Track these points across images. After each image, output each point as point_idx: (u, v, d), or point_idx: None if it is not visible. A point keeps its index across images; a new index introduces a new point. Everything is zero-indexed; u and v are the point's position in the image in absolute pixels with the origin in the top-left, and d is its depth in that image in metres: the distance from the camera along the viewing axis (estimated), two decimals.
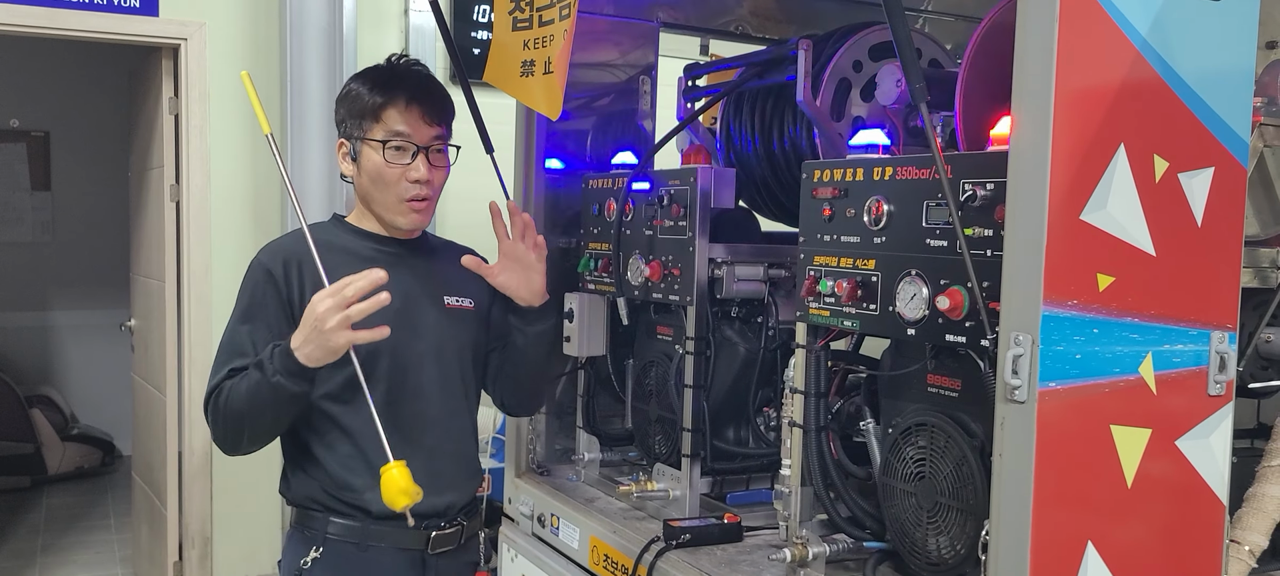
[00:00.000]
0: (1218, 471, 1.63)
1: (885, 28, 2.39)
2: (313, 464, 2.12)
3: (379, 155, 2.10)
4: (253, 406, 1.99)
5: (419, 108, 2.11)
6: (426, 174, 2.12)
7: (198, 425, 4.55)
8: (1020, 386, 1.47)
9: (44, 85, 7.42)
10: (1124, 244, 1.51)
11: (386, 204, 2.14)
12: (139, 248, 5.19)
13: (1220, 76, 1.58)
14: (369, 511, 2.10)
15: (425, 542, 2.15)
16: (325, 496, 2.12)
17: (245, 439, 2.06)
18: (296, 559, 2.12)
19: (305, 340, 1.92)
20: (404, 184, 2.11)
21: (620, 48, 2.98)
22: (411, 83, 2.14)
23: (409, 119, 2.10)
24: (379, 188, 2.13)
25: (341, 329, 1.89)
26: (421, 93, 2.13)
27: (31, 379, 7.46)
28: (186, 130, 4.47)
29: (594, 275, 2.67)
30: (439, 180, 2.17)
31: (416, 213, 2.15)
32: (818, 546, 2.05)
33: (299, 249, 2.09)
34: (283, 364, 1.94)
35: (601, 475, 2.78)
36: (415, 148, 2.11)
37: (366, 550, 2.11)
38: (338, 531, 2.11)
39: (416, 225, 2.17)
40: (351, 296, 1.89)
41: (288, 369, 1.93)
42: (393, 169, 2.10)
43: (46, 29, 4.24)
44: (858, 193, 1.94)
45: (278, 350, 1.96)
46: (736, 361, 2.45)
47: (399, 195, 2.12)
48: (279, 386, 1.95)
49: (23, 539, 5.99)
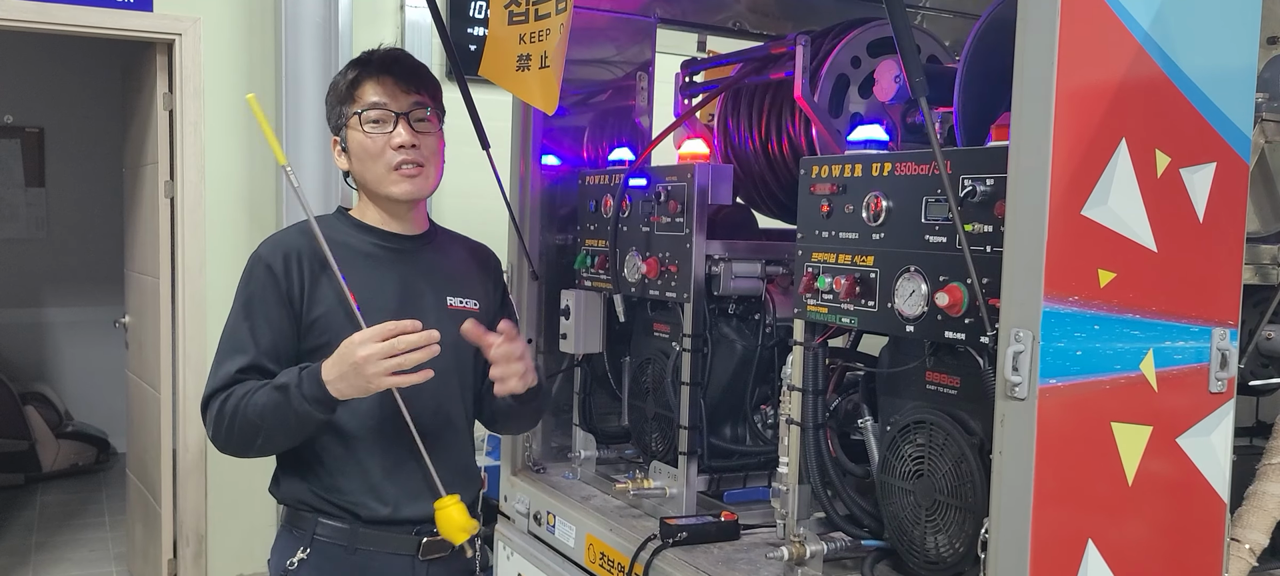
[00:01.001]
0: (1219, 469, 1.62)
1: (883, 23, 2.39)
2: (304, 465, 2.10)
3: (360, 130, 2.10)
4: (271, 424, 1.97)
5: (391, 77, 2.11)
6: (410, 138, 2.09)
7: (193, 422, 4.54)
8: (1020, 383, 1.46)
9: (38, 81, 7.40)
10: (1125, 240, 1.50)
11: (377, 177, 2.11)
12: (133, 244, 5.17)
13: (1223, 71, 1.57)
14: (358, 515, 2.08)
15: (416, 549, 2.12)
16: (314, 498, 2.09)
17: (254, 451, 2.04)
18: (284, 558, 2.10)
19: (340, 377, 1.90)
20: (389, 153, 2.09)
21: (617, 44, 2.97)
22: (380, 58, 2.14)
23: (383, 88, 2.10)
24: (366, 163, 2.10)
25: (385, 375, 1.88)
26: (391, 62, 2.13)
27: (26, 375, 7.44)
28: (181, 126, 4.46)
29: (591, 272, 2.66)
30: (429, 147, 2.13)
31: (408, 179, 2.10)
32: (815, 544, 2.04)
33: (300, 243, 2.07)
34: (313, 392, 1.92)
35: (598, 473, 2.77)
36: (394, 115, 2.09)
37: (355, 553, 2.08)
38: (327, 533, 2.08)
39: (410, 193, 2.12)
40: (402, 348, 1.87)
41: (316, 398, 1.92)
42: (375, 139, 2.09)
43: (41, 24, 4.23)
44: (856, 189, 1.93)
45: (308, 377, 1.93)
46: (734, 358, 2.45)
47: (387, 164, 2.09)
48: (306, 414, 1.94)
49: (17, 536, 5.97)
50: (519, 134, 2.85)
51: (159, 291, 4.57)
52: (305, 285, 2.05)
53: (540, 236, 2.87)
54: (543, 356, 2.88)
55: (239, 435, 2.01)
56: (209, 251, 4.54)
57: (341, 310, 2.02)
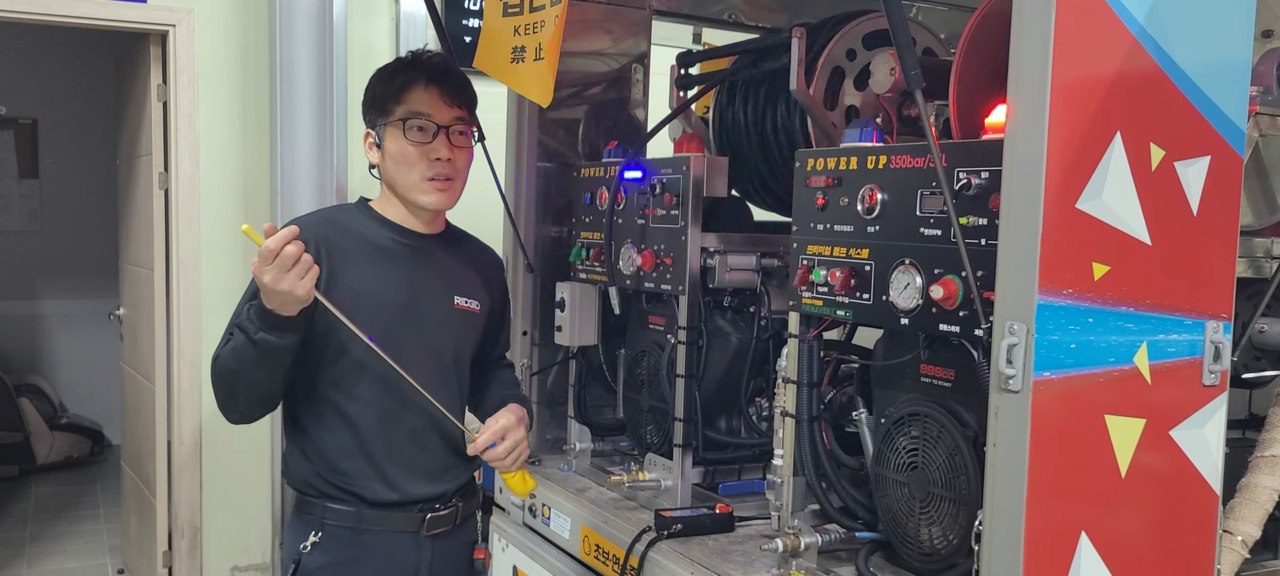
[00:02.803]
0: (1211, 461, 1.63)
1: (878, 16, 2.38)
2: (311, 447, 2.15)
3: (401, 135, 2.12)
4: (243, 363, 2.00)
5: (438, 88, 2.13)
6: (447, 153, 2.13)
7: (187, 414, 4.53)
8: (1015, 376, 1.47)
9: (31, 72, 7.36)
10: (1119, 233, 1.50)
11: (410, 183, 2.14)
12: (127, 236, 5.16)
13: (1217, 65, 1.57)
14: (364, 498, 2.13)
15: (419, 525, 2.17)
16: (321, 481, 2.14)
17: (240, 399, 2.07)
18: (297, 543, 2.16)
19: (265, 296, 1.92)
20: (425, 163, 2.12)
21: (612, 35, 2.97)
22: (430, 65, 2.16)
23: (428, 99, 2.12)
24: (402, 168, 2.14)
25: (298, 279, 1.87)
26: (441, 74, 2.15)
27: (20, 368, 7.42)
28: (175, 117, 4.44)
29: (586, 264, 2.66)
30: (462, 161, 2.18)
31: (439, 192, 2.15)
32: (810, 536, 2.04)
33: (320, 230, 2.11)
34: (262, 321, 1.95)
35: (593, 465, 2.77)
36: (436, 127, 2.12)
37: (362, 534, 2.14)
38: (334, 517, 2.14)
39: (439, 204, 2.17)
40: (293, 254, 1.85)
41: (266, 322, 1.94)
42: (414, 148, 2.12)
43: (34, 15, 4.21)
44: (851, 181, 1.93)
45: (252, 307, 1.97)
46: (729, 351, 2.45)
47: (422, 173, 2.13)
48: (263, 342, 1.95)
49: (11, 528, 5.96)
50: (514, 126, 2.85)
51: (153, 283, 4.56)
52: (321, 273, 2.04)
53: (535, 229, 2.88)
54: (537, 349, 2.88)
55: (226, 387, 2.05)
56: (203, 243, 4.53)
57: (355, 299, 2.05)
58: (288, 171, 4.38)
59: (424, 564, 2.18)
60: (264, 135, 4.52)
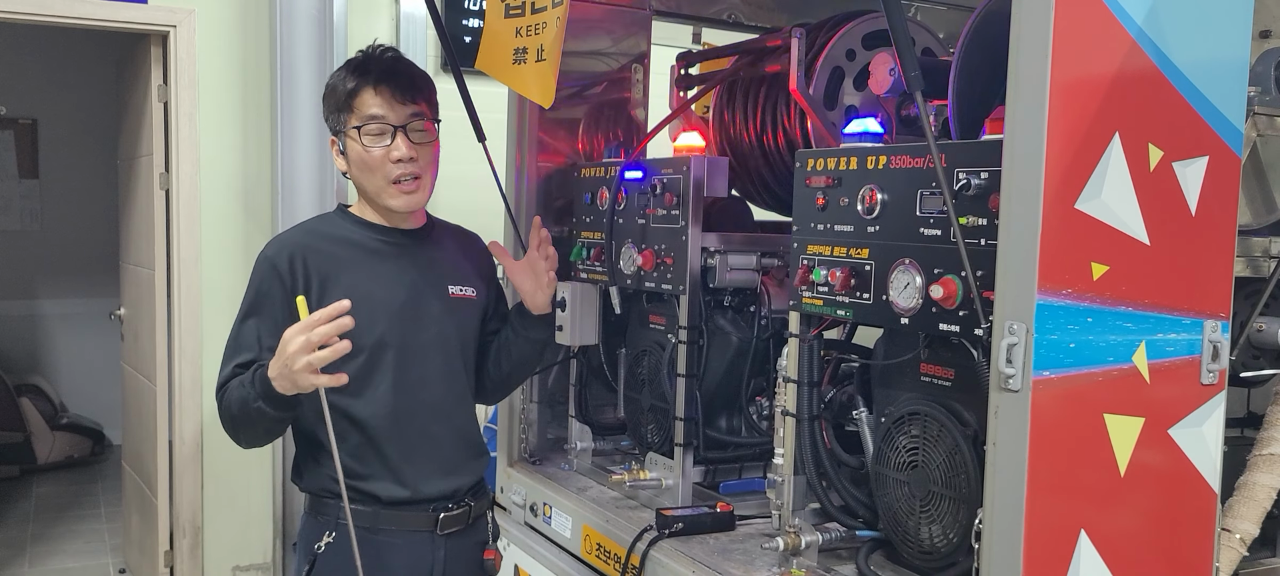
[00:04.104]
0: (1210, 460, 1.64)
1: (878, 16, 2.39)
2: (324, 454, 2.14)
3: (358, 142, 2.12)
4: (242, 419, 2.06)
5: (388, 87, 2.11)
6: (408, 152, 2.11)
7: (188, 414, 4.54)
8: (1014, 375, 1.47)
9: (31, 72, 7.37)
10: (1118, 233, 1.51)
11: (376, 188, 2.15)
12: (128, 236, 5.16)
13: (1215, 65, 1.57)
14: (378, 498, 2.15)
15: (434, 524, 2.19)
16: (334, 484, 2.13)
17: (243, 439, 2.13)
18: (311, 542, 2.17)
19: (279, 373, 1.93)
20: (388, 166, 2.11)
21: (612, 35, 2.97)
22: (378, 65, 2.14)
23: (380, 100, 2.11)
24: (366, 174, 2.14)
25: (308, 372, 1.89)
26: (388, 73, 2.13)
27: (20, 368, 7.43)
28: (176, 118, 4.45)
29: (586, 264, 2.67)
30: (426, 157, 2.16)
31: (406, 194, 2.14)
32: (810, 535, 2.05)
33: (304, 242, 2.13)
34: (262, 390, 1.97)
35: (594, 464, 2.78)
36: (392, 128, 2.11)
37: (377, 534, 2.15)
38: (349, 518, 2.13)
39: (408, 205, 2.17)
40: (317, 340, 1.87)
41: (266, 395, 1.97)
42: (373, 153, 2.11)
43: (34, 15, 4.21)
44: (851, 181, 1.93)
45: (258, 375, 1.98)
46: (729, 350, 2.45)
47: (386, 177, 2.12)
48: (259, 411, 1.99)
49: (12, 528, 5.96)
50: (515, 126, 2.85)
51: (154, 283, 4.57)
52: (310, 283, 2.10)
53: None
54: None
55: (232, 428, 2.11)
56: (204, 243, 4.54)
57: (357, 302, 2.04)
58: (288, 171, 4.38)
59: (438, 562, 2.20)
60: (265, 135, 4.53)
